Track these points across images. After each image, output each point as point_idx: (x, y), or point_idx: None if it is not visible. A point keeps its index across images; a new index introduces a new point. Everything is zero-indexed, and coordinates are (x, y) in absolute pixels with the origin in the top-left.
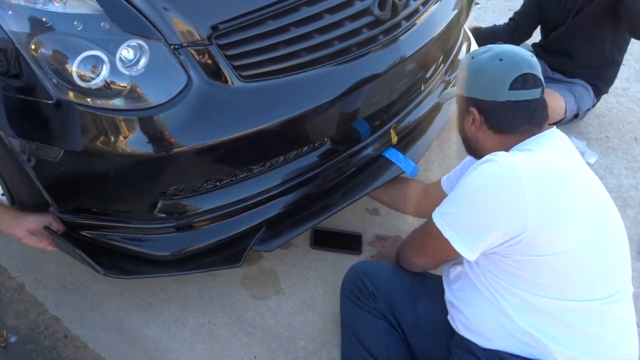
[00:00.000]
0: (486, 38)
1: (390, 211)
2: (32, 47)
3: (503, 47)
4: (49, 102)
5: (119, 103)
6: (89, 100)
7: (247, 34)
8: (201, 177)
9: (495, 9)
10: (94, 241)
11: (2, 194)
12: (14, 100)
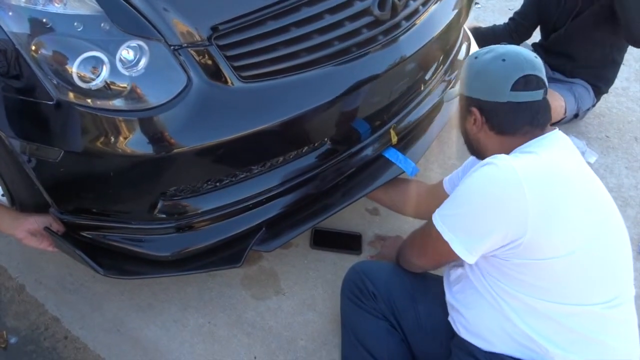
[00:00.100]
0: (486, 38)
1: (390, 211)
2: (33, 48)
3: (506, 48)
4: (49, 103)
5: (119, 104)
6: (89, 101)
7: (247, 34)
8: (201, 178)
9: (495, 8)
10: (94, 242)
11: (2, 194)
12: (14, 101)
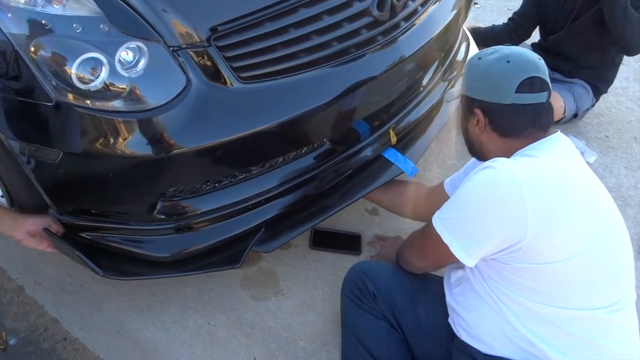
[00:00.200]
0: (485, 38)
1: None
2: (32, 49)
3: (511, 49)
4: (48, 104)
5: (118, 105)
6: (88, 102)
7: (246, 35)
8: (200, 179)
9: (494, 9)
10: (93, 243)
11: (1, 195)
12: (13, 103)
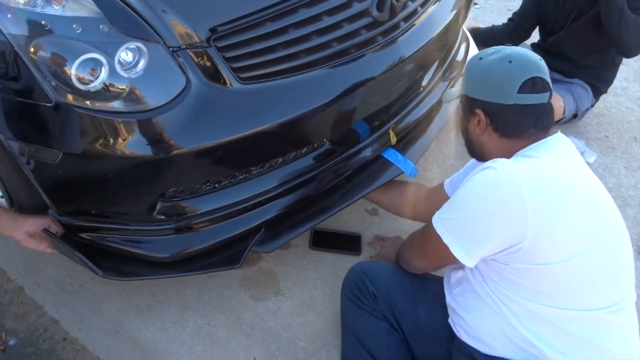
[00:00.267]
0: (485, 38)
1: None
2: (31, 49)
3: (512, 49)
4: (48, 104)
5: (117, 105)
6: (88, 102)
7: (246, 36)
8: (200, 179)
9: (494, 9)
10: (93, 243)
11: (1, 196)
12: (13, 103)
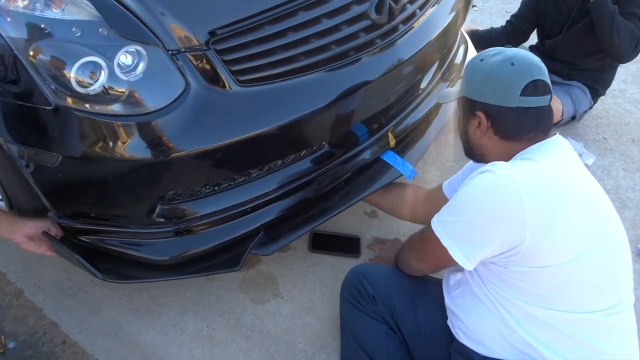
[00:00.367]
0: (483, 41)
1: (388, 214)
2: (31, 53)
3: (514, 51)
4: (47, 108)
5: (117, 108)
6: (87, 106)
7: (245, 39)
8: (199, 182)
9: (492, 11)
10: (93, 246)
11: (0, 199)
12: (12, 106)
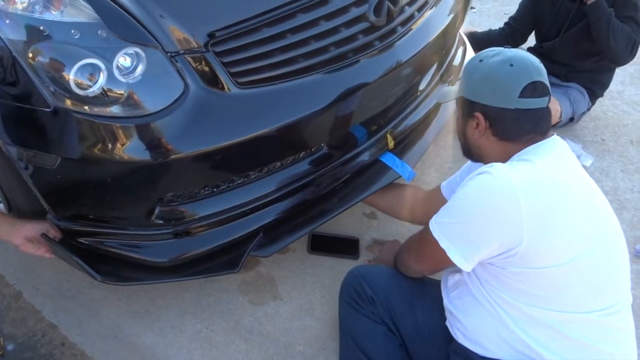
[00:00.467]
0: (482, 43)
1: (387, 216)
2: (30, 55)
3: (513, 52)
4: (47, 110)
5: (116, 110)
6: (87, 107)
7: (244, 41)
8: (198, 184)
9: (490, 13)
10: (92, 248)
11: None
12: (11, 108)
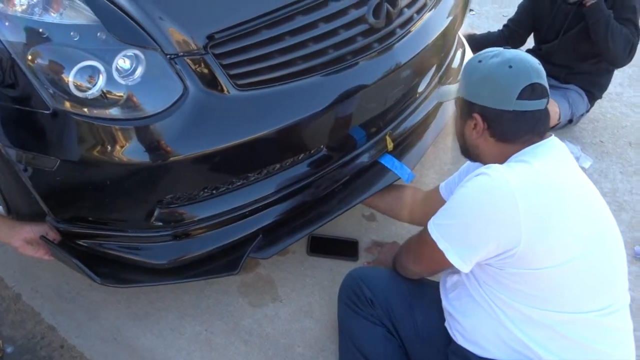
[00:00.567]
0: (480, 45)
1: (386, 217)
2: (29, 57)
3: (512, 53)
4: (46, 112)
5: (115, 112)
6: (86, 110)
7: (243, 43)
8: (198, 185)
9: (489, 15)
10: (91, 250)
11: None
12: (10, 110)
